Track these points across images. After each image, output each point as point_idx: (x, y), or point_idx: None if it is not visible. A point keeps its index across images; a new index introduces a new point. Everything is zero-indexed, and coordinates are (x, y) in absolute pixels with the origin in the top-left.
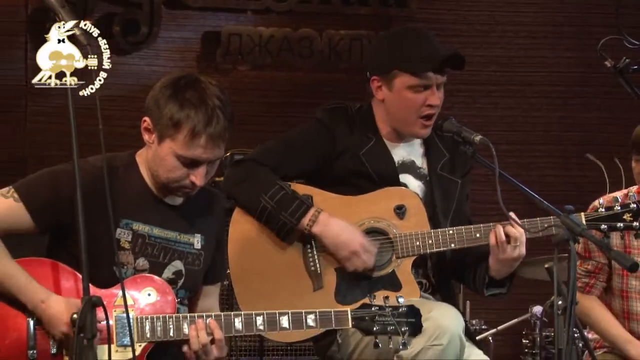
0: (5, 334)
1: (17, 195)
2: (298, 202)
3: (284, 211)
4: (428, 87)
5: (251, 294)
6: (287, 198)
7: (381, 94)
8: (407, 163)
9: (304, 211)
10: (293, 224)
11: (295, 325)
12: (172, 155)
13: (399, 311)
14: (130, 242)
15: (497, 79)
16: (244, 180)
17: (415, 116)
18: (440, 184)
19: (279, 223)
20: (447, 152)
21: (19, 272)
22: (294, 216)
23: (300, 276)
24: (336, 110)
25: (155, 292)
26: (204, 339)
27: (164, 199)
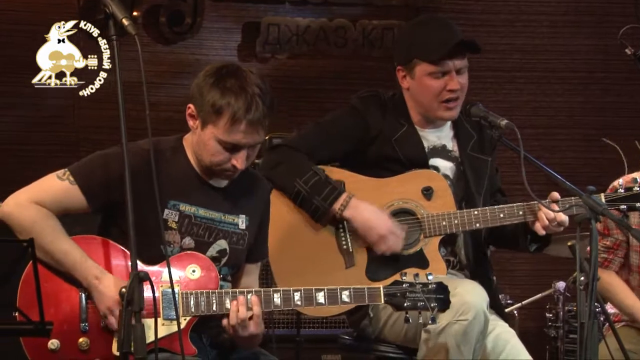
0: (59, 308)
1: (72, 178)
2: (331, 188)
3: (317, 195)
4: (447, 72)
5: (287, 272)
6: (320, 183)
7: (406, 82)
8: (437, 147)
9: (336, 196)
10: (325, 208)
11: (331, 301)
12: (214, 140)
13: (428, 288)
14: (177, 222)
15: (522, 66)
16: (280, 164)
17: (437, 101)
18: (471, 163)
19: (312, 207)
20: (475, 132)
21: (74, 249)
22: (327, 201)
23: (333, 255)
24: (370, 98)
25: (199, 269)
26: (243, 314)
27: (209, 181)
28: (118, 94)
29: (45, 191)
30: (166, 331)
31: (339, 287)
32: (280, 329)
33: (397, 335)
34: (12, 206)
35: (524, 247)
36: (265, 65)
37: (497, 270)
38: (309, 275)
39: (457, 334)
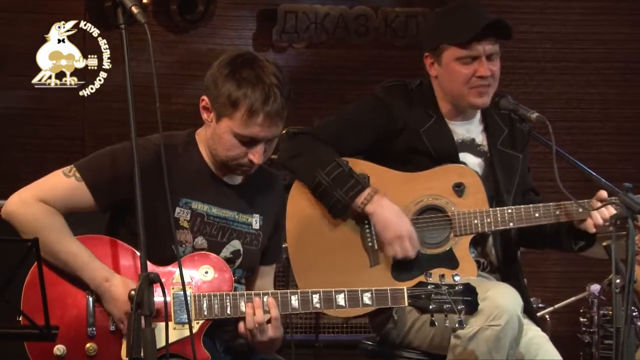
0: (65, 311)
1: (79, 175)
2: (354, 181)
3: (339, 188)
4: (476, 58)
5: (308, 269)
6: (343, 176)
7: (433, 70)
8: (466, 141)
9: (359, 190)
10: (346, 202)
11: (352, 303)
12: (230, 133)
13: (455, 289)
14: (189, 221)
15: (553, 56)
16: (301, 153)
17: (466, 88)
18: (501, 159)
19: (333, 199)
20: (506, 127)
21: (81, 250)
22: (348, 194)
23: (357, 252)
24: (395, 87)
25: (212, 270)
26: (260, 318)
27: (223, 178)
28: (127, 85)
29: (51, 188)
30: (178, 336)
31: (360, 289)
32: (298, 334)
33: (423, 340)
34: (15, 204)
35: (567, 247)
36: (282, 55)
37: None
38: (331, 273)
39: (489, 340)
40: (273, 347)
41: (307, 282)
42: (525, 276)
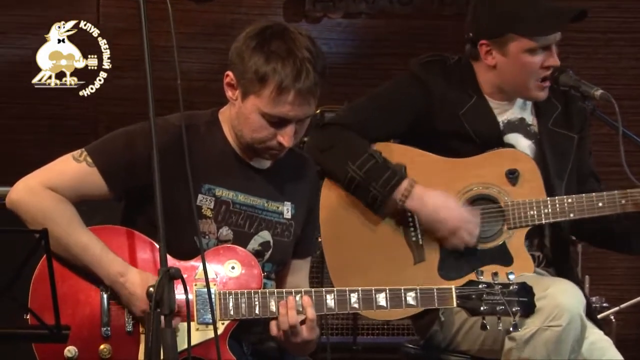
0: (77, 309)
1: (91, 159)
2: (390, 173)
3: (374, 182)
4: (546, 48)
5: (345, 266)
6: (377, 168)
7: (492, 59)
8: (514, 122)
9: (397, 183)
10: (384, 196)
11: (394, 304)
12: (257, 113)
13: (509, 289)
14: (212, 209)
15: (619, 26)
16: (330, 147)
17: (533, 80)
18: (552, 141)
19: (369, 195)
20: (560, 103)
21: (94, 242)
22: (385, 188)
23: (399, 247)
24: (433, 63)
25: (239, 265)
26: (294, 319)
27: (249, 162)
28: (145, 59)
29: (60, 174)
30: (201, 337)
31: (404, 288)
32: (335, 336)
33: (472, 343)
34: (21, 192)
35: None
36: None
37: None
38: (371, 272)
39: (549, 342)
40: (307, 350)
41: (343, 280)
42: (588, 272)
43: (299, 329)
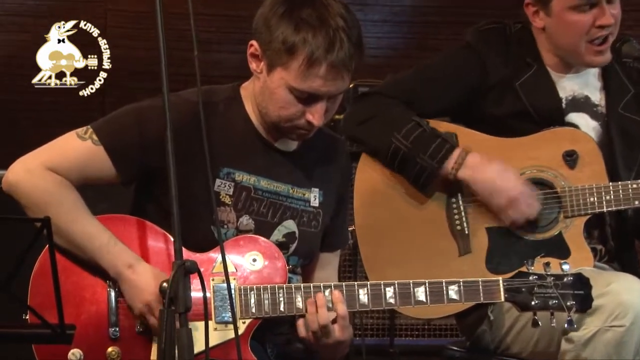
0: (82, 308)
1: (97, 137)
2: (440, 141)
3: (422, 153)
4: (595, 4)
5: (380, 259)
6: (425, 137)
7: (539, 20)
8: (578, 99)
9: (448, 151)
10: (434, 167)
11: (434, 298)
12: (284, 87)
13: (563, 281)
14: (232, 196)
15: None
16: (371, 117)
17: (583, 42)
18: (622, 126)
19: (415, 167)
20: (633, 86)
21: (100, 231)
22: (435, 158)
23: (442, 237)
24: (492, 32)
25: (261, 257)
26: (325, 317)
27: (274, 143)
28: (158, 28)
29: (62, 154)
30: (220, 338)
31: (445, 281)
32: (369, 337)
33: (525, 344)
34: (19, 174)
35: None
36: None
37: None
38: (410, 264)
39: (610, 344)
40: (339, 353)
41: (379, 273)
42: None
43: (330, 328)
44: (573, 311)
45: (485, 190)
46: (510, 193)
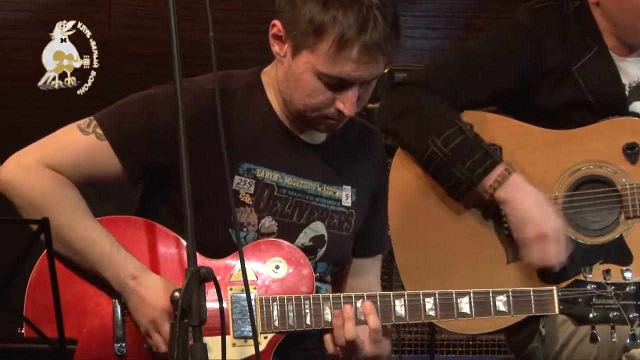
0: (84, 321)
1: (101, 130)
2: (481, 154)
3: (459, 164)
4: None
5: (419, 266)
6: (467, 146)
7: None
8: None
9: (489, 167)
10: (471, 182)
11: (480, 310)
12: (311, 72)
13: (625, 291)
14: (252, 195)
15: None
16: (407, 112)
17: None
18: None
19: (452, 179)
20: None
21: (103, 237)
22: (474, 172)
23: (488, 242)
24: (547, 9)
25: (285, 264)
26: (351, 332)
27: (300, 135)
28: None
29: (62, 149)
30: (238, 355)
31: (492, 291)
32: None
33: None
34: (14, 171)
35: None
36: None
37: None
38: (452, 272)
39: None
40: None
41: (417, 282)
42: None
43: (358, 343)
44: (636, 324)
45: (518, 218)
46: (543, 228)
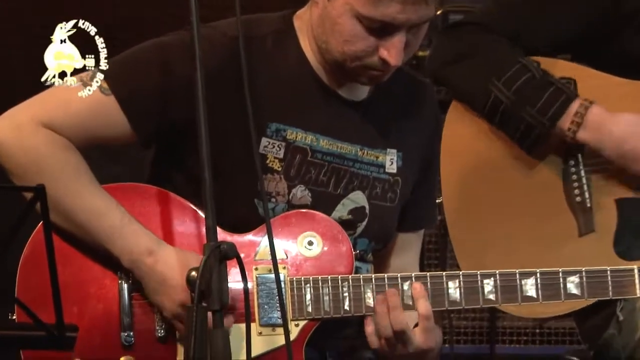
0: (85, 305)
1: (107, 84)
2: (553, 91)
3: (528, 106)
4: None
5: (476, 241)
6: (534, 85)
7: None
8: None
9: (563, 105)
10: (544, 126)
11: (548, 293)
12: (350, 15)
13: None
14: (282, 160)
15: None
16: (464, 56)
17: None
18: None
19: (520, 125)
20: None
21: (110, 207)
22: (546, 114)
23: (557, 212)
24: None
25: (320, 240)
26: (400, 320)
27: (338, 90)
28: None
29: (62, 107)
30: (266, 345)
31: (562, 270)
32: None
33: None
34: (5, 131)
35: None
36: None
37: None
38: (516, 247)
39: None
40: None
41: (475, 260)
42: None
43: (408, 334)
44: None
45: (615, 154)
46: None
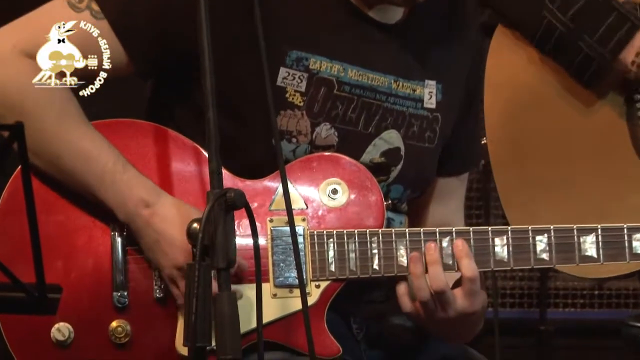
0: (72, 261)
1: (97, 6)
2: (615, 17)
3: (587, 34)
4: None
5: (526, 190)
6: (594, 9)
7: None
8: None
9: (628, 34)
10: (604, 58)
11: (610, 253)
12: None
13: None
14: (304, 93)
15: None
16: None
17: None
18: None
19: (577, 57)
20: None
21: (104, 149)
22: (607, 44)
23: (620, 157)
24: None
25: (345, 188)
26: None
27: (368, 12)
28: None
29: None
30: (281, 309)
31: (627, 227)
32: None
33: None
34: None
35: None
36: None
37: None
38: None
39: None
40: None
41: (525, 212)
42: None
43: (449, 295)
44: None
45: None
46: None
